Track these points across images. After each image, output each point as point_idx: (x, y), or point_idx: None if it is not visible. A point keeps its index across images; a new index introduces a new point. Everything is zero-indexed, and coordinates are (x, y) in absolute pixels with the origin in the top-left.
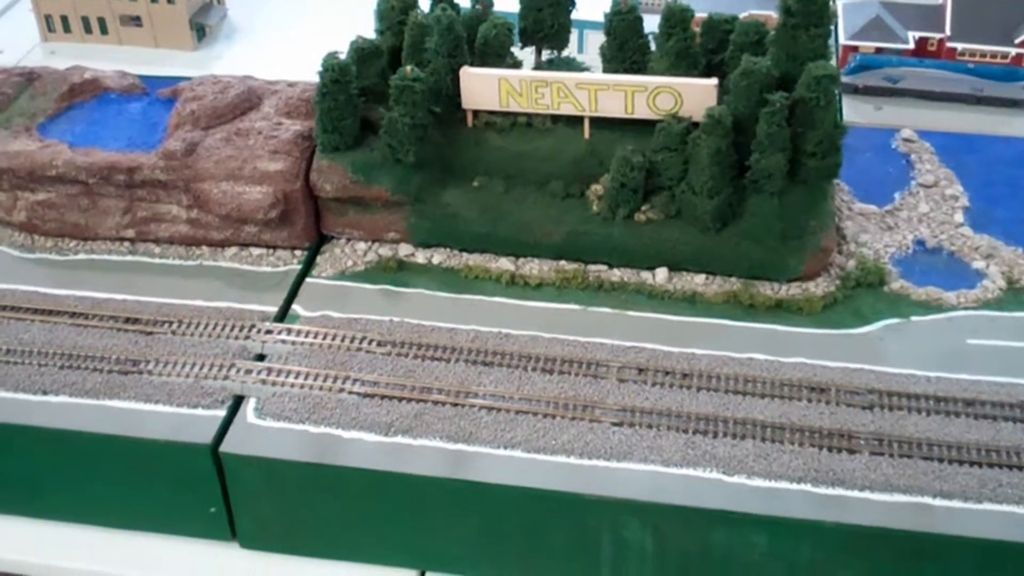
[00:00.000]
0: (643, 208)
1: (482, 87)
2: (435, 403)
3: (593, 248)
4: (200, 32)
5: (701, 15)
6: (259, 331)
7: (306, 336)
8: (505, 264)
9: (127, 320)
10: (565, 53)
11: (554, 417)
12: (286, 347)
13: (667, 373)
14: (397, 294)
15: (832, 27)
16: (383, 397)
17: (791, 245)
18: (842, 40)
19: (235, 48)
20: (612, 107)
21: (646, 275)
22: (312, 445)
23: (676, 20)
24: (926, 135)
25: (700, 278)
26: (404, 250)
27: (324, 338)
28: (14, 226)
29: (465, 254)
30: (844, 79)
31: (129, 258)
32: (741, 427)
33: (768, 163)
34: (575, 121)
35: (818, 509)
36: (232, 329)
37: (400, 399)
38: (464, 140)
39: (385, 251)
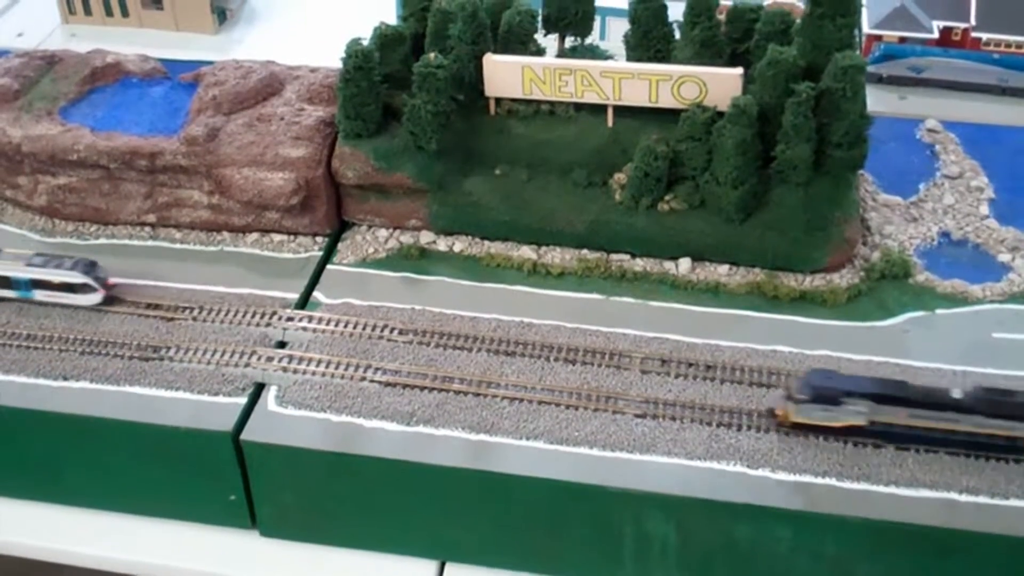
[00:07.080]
0: (666, 198)
1: (505, 74)
2: (457, 393)
3: (616, 237)
4: (221, 16)
5: (726, 3)
6: (280, 318)
7: (327, 324)
8: (527, 253)
9: (148, 306)
10: (587, 41)
11: (577, 408)
12: (307, 334)
13: (690, 364)
14: (419, 282)
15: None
16: (405, 386)
17: (816, 236)
18: (866, 29)
19: (256, 32)
20: (636, 96)
21: (669, 265)
22: (333, 434)
23: (701, 8)
24: (951, 126)
25: (723, 269)
26: (425, 238)
27: (345, 326)
28: (35, 210)
29: (487, 242)
30: (868, 68)
31: (150, 243)
32: (765, 420)
33: (793, 154)
34: (598, 109)
35: (843, 504)
36: (253, 316)
37: (422, 388)
38: (487, 128)
39: (407, 238)
